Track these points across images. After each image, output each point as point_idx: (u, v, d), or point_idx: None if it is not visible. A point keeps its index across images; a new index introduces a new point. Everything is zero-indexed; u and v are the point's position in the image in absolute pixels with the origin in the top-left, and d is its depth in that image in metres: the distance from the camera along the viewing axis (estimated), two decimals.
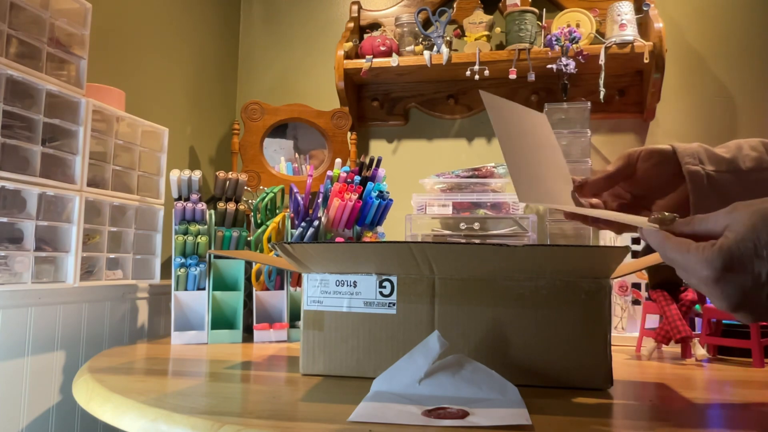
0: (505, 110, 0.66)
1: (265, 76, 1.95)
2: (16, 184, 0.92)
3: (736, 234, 0.42)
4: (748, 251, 0.42)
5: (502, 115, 0.65)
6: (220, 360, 0.92)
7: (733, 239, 0.42)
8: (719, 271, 0.43)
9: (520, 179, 0.61)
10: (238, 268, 1.16)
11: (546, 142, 0.71)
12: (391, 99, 1.85)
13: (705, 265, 0.43)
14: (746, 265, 0.42)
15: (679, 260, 0.46)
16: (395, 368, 0.66)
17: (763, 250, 0.41)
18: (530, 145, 0.67)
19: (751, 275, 0.42)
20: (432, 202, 1.52)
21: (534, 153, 0.67)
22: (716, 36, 1.67)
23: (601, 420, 0.58)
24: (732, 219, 0.44)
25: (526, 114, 0.70)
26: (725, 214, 0.45)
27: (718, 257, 0.42)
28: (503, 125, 0.64)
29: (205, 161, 1.75)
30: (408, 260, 0.72)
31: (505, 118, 0.65)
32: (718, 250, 0.43)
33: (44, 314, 1.03)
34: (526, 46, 1.57)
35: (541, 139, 0.70)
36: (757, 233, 0.42)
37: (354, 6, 1.82)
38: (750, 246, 0.42)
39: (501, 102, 0.66)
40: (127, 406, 0.62)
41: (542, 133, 0.71)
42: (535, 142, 0.68)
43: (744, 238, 0.42)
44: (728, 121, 1.64)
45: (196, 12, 1.69)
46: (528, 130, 0.68)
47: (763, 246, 0.41)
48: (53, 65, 1.01)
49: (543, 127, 0.72)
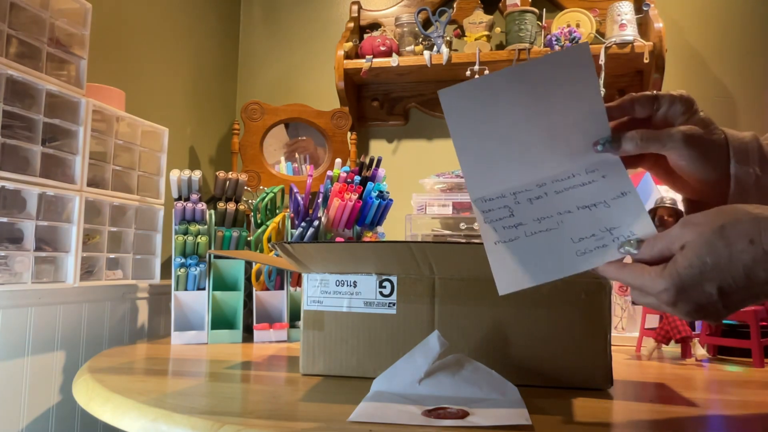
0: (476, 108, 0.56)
1: (265, 76, 1.95)
2: (16, 184, 0.92)
3: (685, 258, 0.46)
4: (696, 277, 0.45)
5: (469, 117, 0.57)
6: (220, 360, 0.92)
7: (683, 264, 0.46)
8: (673, 295, 0.46)
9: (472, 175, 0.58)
10: (238, 268, 1.16)
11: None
12: (391, 99, 1.85)
13: (661, 290, 0.47)
14: (696, 287, 0.45)
15: (636, 284, 0.49)
16: (395, 368, 0.66)
17: (710, 272, 0.45)
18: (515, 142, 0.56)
19: (703, 294, 0.46)
20: (432, 202, 1.52)
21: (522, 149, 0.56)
22: (716, 36, 1.67)
23: (601, 420, 0.58)
24: (686, 238, 0.46)
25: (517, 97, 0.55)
26: (679, 231, 0.47)
27: (671, 284, 0.46)
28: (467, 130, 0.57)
29: (205, 161, 1.75)
30: (408, 260, 0.72)
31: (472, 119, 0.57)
32: (669, 276, 0.46)
33: (44, 314, 1.03)
34: (526, 46, 1.57)
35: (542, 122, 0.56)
36: (702, 258, 0.45)
37: (354, 6, 1.82)
38: (696, 272, 0.45)
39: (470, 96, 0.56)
40: (127, 406, 0.62)
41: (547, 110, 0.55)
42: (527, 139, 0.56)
43: (691, 264, 0.45)
44: (728, 121, 1.64)
45: (196, 12, 1.69)
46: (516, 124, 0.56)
47: (709, 270, 0.45)
48: (53, 65, 1.01)
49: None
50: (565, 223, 0.53)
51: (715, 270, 0.45)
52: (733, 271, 0.44)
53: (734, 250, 0.44)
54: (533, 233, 0.54)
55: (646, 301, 0.49)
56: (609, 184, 0.54)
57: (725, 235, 0.45)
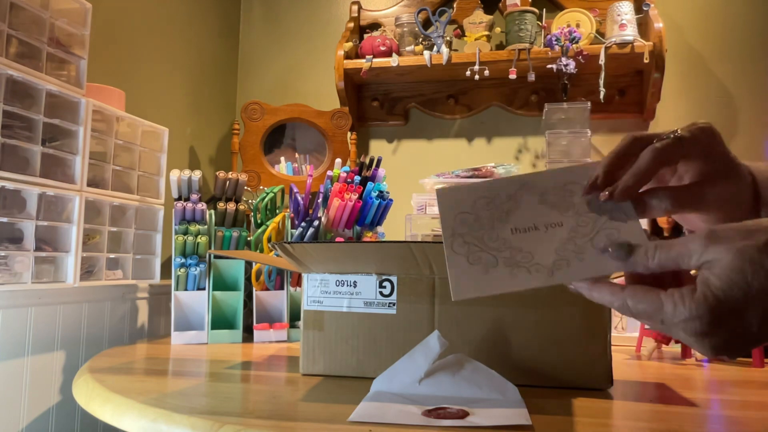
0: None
1: (265, 76, 1.95)
2: (16, 184, 0.92)
3: (722, 280, 0.37)
4: (738, 301, 0.36)
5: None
6: (220, 360, 0.92)
7: (720, 287, 0.37)
8: (706, 325, 0.37)
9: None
10: (238, 268, 1.16)
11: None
12: (391, 99, 1.85)
13: (689, 317, 0.37)
14: (737, 315, 0.37)
15: (650, 312, 0.39)
16: (395, 368, 0.66)
17: (755, 298, 0.36)
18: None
19: (742, 324, 0.37)
20: (432, 202, 1.52)
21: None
22: (716, 36, 1.67)
23: (601, 420, 0.58)
24: (712, 256, 0.38)
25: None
26: (702, 248, 0.38)
27: (706, 310, 0.37)
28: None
29: (205, 161, 1.75)
30: (408, 260, 0.72)
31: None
32: (704, 301, 0.37)
33: (44, 314, 1.03)
34: (526, 46, 1.57)
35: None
36: (746, 279, 0.36)
37: (354, 6, 1.82)
38: (740, 295, 0.36)
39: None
40: (127, 406, 0.62)
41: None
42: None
43: (732, 286, 0.36)
44: (728, 121, 1.64)
45: (197, 12, 1.69)
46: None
47: (755, 295, 0.36)
48: (53, 65, 1.01)
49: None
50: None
51: (762, 295, 0.36)
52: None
53: None
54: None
55: (661, 328, 0.40)
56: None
57: (765, 249, 0.36)
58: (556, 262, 0.45)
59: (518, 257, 0.46)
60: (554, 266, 0.45)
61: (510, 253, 0.46)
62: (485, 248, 0.47)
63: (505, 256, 0.46)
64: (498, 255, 0.46)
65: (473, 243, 0.48)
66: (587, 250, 0.45)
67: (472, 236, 0.48)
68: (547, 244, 0.46)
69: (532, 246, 0.46)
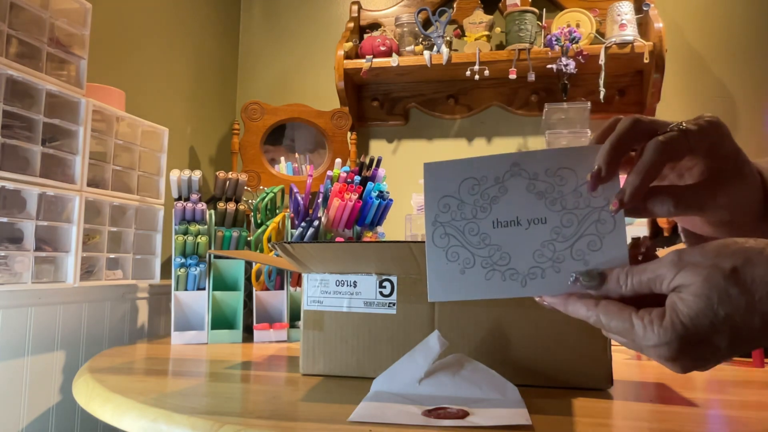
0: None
1: (265, 76, 1.95)
2: (16, 184, 0.92)
3: (689, 308, 0.37)
4: (705, 328, 0.37)
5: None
6: (220, 360, 0.92)
7: (688, 314, 0.37)
8: (675, 351, 0.38)
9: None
10: (238, 268, 1.16)
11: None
12: (391, 99, 1.85)
13: (658, 343, 0.38)
14: (705, 341, 0.38)
15: (620, 331, 0.40)
16: (395, 368, 0.66)
17: (722, 324, 0.37)
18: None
19: (710, 348, 0.38)
20: None
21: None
22: (716, 36, 1.67)
23: (601, 420, 0.58)
24: (681, 281, 0.38)
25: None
26: (671, 273, 0.39)
27: (674, 337, 0.38)
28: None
29: (205, 161, 1.75)
30: (408, 260, 0.72)
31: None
32: (671, 328, 0.38)
33: (44, 314, 1.03)
34: (526, 46, 1.57)
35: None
36: (713, 307, 0.37)
37: (354, 6, 1.82)
38: (706, 323, 0.37)
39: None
40: (127, 406, 0.62)
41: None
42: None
43: (699, 314, 0.37)
44: (728, 121, 1.63)
45: (196, 12, 1.69)
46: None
47: (721, 321, 0.37)
48: (53, 65, 1.01)
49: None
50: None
51: (728, 321, 0.37)
52: (749, 322, 0.37)
53: (752, 299, 0.37)
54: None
55: (632, 347, 0.41)
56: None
57: (740, 280, 0.37)
58: (531, 270, 0.44)
59: (495, 257, 0.45)
60: (528, 275, 0.44)
61: (488, 251, 0.46)
62: (464, 243, 0.47)
63: (483, 255, 0.46)
64: (476, 253, 0.46)
65: (453, 235, 0.47)
66: (565, 260, 0.44)
67: (453, 227, 0.47)
68: (527, 244, 0.45)
69: (511, 245, 0.45)
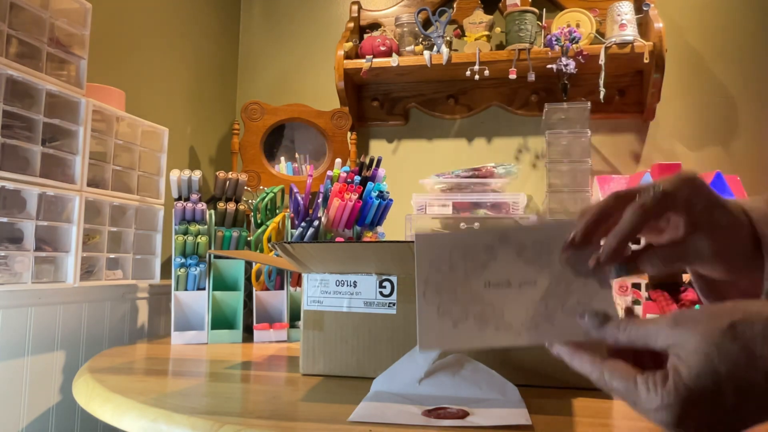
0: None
1: (265, 76, 1.95)
2: (16, 184, 0.92)
3: (689, 368, 0.36)
4: (709, 389, 0.36)
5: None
6: (220, 360, 0.92)
7: (689, 375, 0.36)
8: (677, 414, 0.36)
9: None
10: (238, 268, 1.16)
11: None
12: (391, 99, 1.85)
13: (660, 406, 0.37)
14: (709, 402, 0.36)
15: (623, 392, 0.39)
16: (395, 368, 0.66)
17: (726, 383, 0.35)
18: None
19: (716, 410, 0.36)
20: (432, 202, 1.52)
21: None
22: (716, 36, 1.67)
23: (601, 420, 0.58)
24: (678, 339, 0.37)
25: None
26: (668, 329, 0.38)
27: (676, 401, 0.36)
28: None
29: (205, 161, 1.75)
30: (408, 260, 0.72)
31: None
32: (674, 392, 0.36)
33: (44, 314, 1.03)
34: (526, 46, 1.57)
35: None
36: (714, 365, 0.36)
37: (354, 6, 1.82)
38: (709, 383, 0.36)
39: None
40: (127, 406, 0.62)
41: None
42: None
43: (700, 374, 0.36)
44: (728, 121, 1.64)
45: (196, 12, 1.69)
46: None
47: (725, 379, 0.35)
48: (53, 65, 1.01)
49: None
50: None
51: (732, 379, 0.35)
52: (753, 379, 0.35)
53: (753, 355, 0.35)
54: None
55: (634, 409, 0.39)
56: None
57: (738, 335, 0.36)
58: (525, 323, 0.45)
59: (488, 313, 0.46)
60: (522, 327, 0.45)
61: (481, 308, 0.46)
62: (456, 300, 0.47)
63: (476, 311, 0.46)
64: (469, 309, 0.47)
65: (445, 292, 0.48)
66: (557, 313, 0.45)
67: (445, 286, 0.48)
68: (519, 303, 0.46)
69: (504, 303, 0.46)
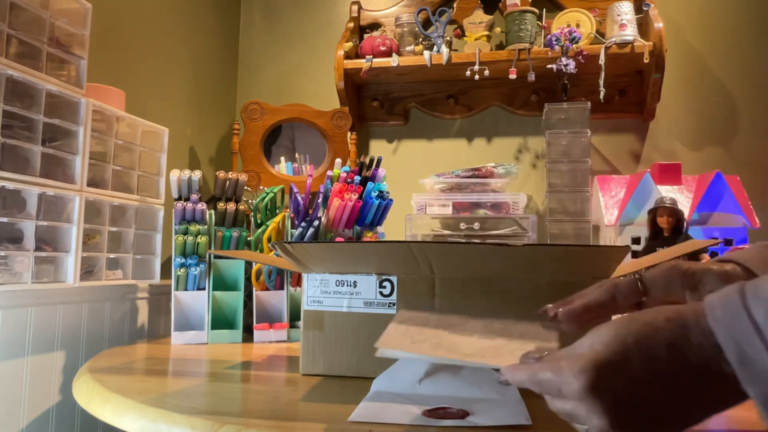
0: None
1: (265, 76, 1.95)
2: (16, 184, 0.92)
3: (601, 342, 0.40)
4: (618, 354, 0.38)
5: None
6: (220, 360, 0.92)
7: (600, 345, 0.39)
8: (591, 381, 0.38)
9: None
10: (238, 268, 1.16)
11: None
12: (391, 99, 1.85)
13: (577, 374, 0.39)
14: (619, 370, 0.38)
15: (551, 379, 0.41)
16: (395, 368, 0.66)
17: (633, 349, 0.38)
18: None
19: (625, 380, 0.38)
20: (432, 202, 1.52)
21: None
22: (716, 36, 1.67)
23: None
24: (596, 335, 0.41)
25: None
26: (589, 336, 0.42)
27: (590, 366, 0.38)
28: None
29: (205, 161, 1.75)
30: (408, 260, 0.72)
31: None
32: (590, 360, 0.39)
33: (44, 314, 1.03)
34: (526, 46, 1.57)
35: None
36: (621, 337, 0.39)
37: (354, 6, 1.82)
38: (618, 349, 0.38)
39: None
40: (127, 406, 0.62)
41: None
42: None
43: (610, 343, 0.39)
44: (728, 121, 1.64)
45: (196, 12, 1.69)
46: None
47: (632, 347, 0.38)
48: (53, 65, 1.01)
49: None
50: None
51: (637, 347, 0.38)
52: (656, 349, 0.38)
53: (655, 328, 0.38)
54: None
55: (558, 406, 0.41)
56: None
57: (636, 318, 0.40)
58: (474, 353, 0.51)
59: (444, 344, 0.53)
60: (471, 354, 0.51)
61: (439, 341, 0.54)
62: (421, 333, 0.56)
63: (434, 342, 0.54)
64: (428, 339, 0.54)
65: (414, 326, 0.58)
66: (505, 347, 0.52)
67: (418, 323, 0.59)
68: (475, 342, 0.54)
69: (461, 340, 0.54)
